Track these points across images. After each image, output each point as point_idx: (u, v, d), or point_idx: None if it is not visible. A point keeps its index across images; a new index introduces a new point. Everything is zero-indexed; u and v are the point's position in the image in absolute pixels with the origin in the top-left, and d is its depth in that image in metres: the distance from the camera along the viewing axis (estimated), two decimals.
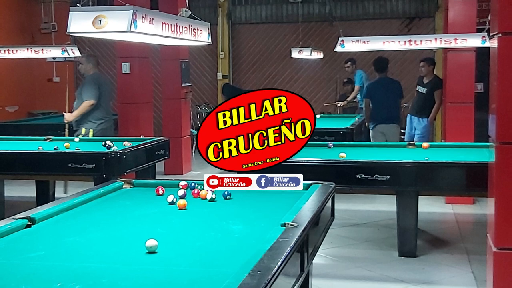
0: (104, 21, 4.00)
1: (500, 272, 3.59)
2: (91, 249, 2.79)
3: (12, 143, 6.85)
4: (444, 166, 5.34)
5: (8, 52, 8.43)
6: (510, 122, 3.49)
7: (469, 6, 7.73)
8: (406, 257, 5.42)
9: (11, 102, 11.60)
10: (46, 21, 11.93)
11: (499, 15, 3.50)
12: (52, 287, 2.25)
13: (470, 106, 7.74)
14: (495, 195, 3.59)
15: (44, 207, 3.51)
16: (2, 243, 2.86)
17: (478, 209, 7.26)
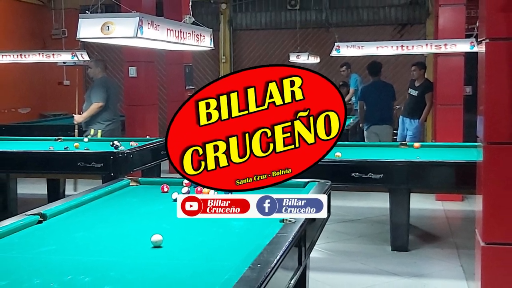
0: (112, 27, 4.00)
1: (488, 265, 3.59)
2: (99, 243, 2.79)
3: (25, 143, 6.84)
4: (435, 165, 5.34)
5: (21, 57, 8.41)
6: (497, 123, 3.48)
7: (458, 13, 7.73)
8: (399, 251, 5.42)
9: (24, 104, 11.58)
10: (57, 28, 11.91)
11: (486, 22, 3.50)
12: (63, 280, 2.25)
13: (459, 108, 7.74)
14: (483, 193, 3.59)
15: (55, 204, 3.51)
16: (15, 238, 2.86)
17: (467, 205, 7.26)
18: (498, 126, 3.48)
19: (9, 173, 6.40)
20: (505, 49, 3.42)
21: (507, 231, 3.53)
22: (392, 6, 11.41)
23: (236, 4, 12.16)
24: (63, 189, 7.16)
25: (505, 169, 3.50)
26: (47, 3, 12.06)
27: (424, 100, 8.35)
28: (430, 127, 10.30)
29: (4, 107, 10.52)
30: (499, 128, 3.48)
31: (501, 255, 3.55)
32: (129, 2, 6.19)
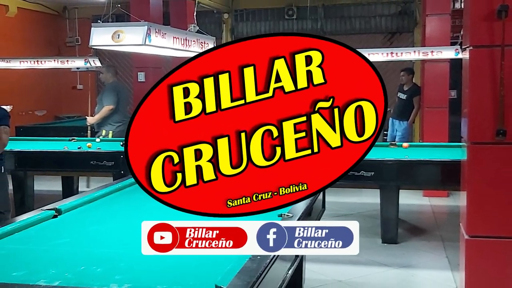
0: (122, 35, 4.00)
1: (471, 257, 3.59)
2: (110, 236, 2.79)
3: (41, 143, 6.84)
4: (422, 163, 5.34)
5: (38, 63, 8.42)
6: (480, 124, 3.48)
7: (444, 22, 7.74)
8: (389, 244, 5.41)
9: (40, 107, 11.58)
10: (71, 36, 11.92)
11: (470, 31, 3.50)
12: (76, 270, 2.25)
13: (445, 111, 7.74)
14: (467, 189, 3.58)
15: (69, 199, 3.51)
16: (32, 231, 2.86)
17: (452, 201, 7.25)
18: (481, 127, 3.48)
19: (26, 171, 6.39)
20: (487, 56, 3.42)
21: (489, 225, 3.53)
22: (382, 16, 11.42)
23: (238, 14, 12.17)
24: (77, 186, 7.16)
25: (487, 167, 3.50)
26: (62, 13, 12.07)
27: (412, 103, 8.35)
28: (418, 128, 10.29)
29: (22, 109, 10.51)
30: (482, 129, 3.47)
31: (484, 247, 3.55)
32: (138, 12, 6.19)
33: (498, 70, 3.38)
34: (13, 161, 6.11)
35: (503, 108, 3.38)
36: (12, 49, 10.38)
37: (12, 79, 10.18)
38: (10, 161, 5.90)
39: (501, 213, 3.50)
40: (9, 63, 8.34)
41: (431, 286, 4.47)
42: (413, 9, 10.86)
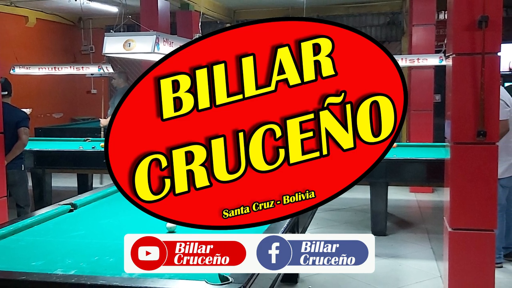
0: (132, 44, 3.99)
1: (454, 247, 3.59)
2: (122, 229, 2.78)
3: (58, 143, 6.85)
4: (409, 162, 5.34)
5: (55, 69, 8.41)
6: (462, 126, 3.49)
7: (429, 32, 7.76)
8: (378, 236, 5.41)
9: (57, 109, 11.59)
10: (86, 44, 11.92)
11: (453, 40, 3.50)
12: (91, 260, 2.25)
13: (430, 113, 7.76)
14: (450, 185, 3.59)
15: (84, 195, 3.51)
16: (50, 224, 2.86)
17: (436, 196, 7.25)
18: (463, 128, 3.48)
19: (44, 169, 6.39)
20: (469, 63, 3.42)
21: (470, 218, 3.53)
22: (372, 26, 11.43)
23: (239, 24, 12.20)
24: (91, 183, 7.16)
25: (469, 165, 3.50)
26: (77, 24, 12.07)
27: None
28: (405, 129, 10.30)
29: (41, 112, 10.51)
30: (464, 130, 3.48)
31: (466, 239, 3.55)
32: (147, 23, 6.19)
33: (479, 76, 3.38)
34: (32, 159, 6.12)
35: (483, 111, 3.38)
36: (31, 56, 10.40)
37: (32, 84, 10.19)
38: (29, 160, 5.91)
39: (482, 208, 3.50)
40: (29, 69, 8.33)
41: (417, 274, 4.47)
42: (400, 20, 10.87)
